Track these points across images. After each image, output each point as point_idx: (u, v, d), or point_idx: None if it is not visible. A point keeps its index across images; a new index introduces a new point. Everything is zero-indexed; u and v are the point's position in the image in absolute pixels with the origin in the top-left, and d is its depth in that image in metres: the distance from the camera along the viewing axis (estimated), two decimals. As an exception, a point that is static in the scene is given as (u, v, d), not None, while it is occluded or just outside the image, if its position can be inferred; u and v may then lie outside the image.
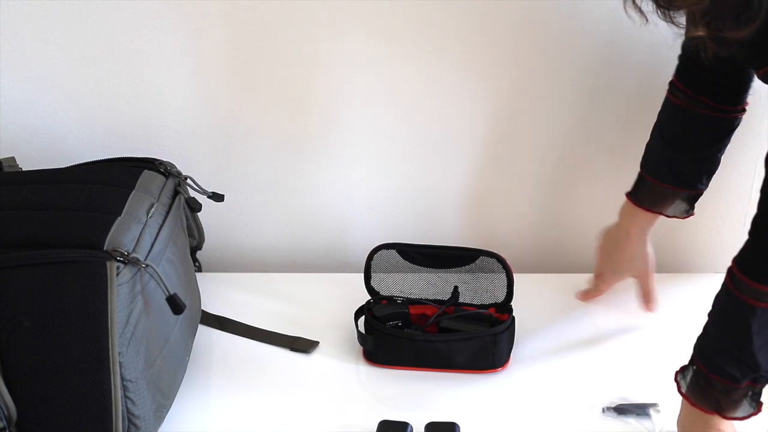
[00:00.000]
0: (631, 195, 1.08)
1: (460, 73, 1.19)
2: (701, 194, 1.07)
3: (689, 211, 1.08)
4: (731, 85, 0.98)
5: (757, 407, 0.81)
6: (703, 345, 0.83)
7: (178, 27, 1.13)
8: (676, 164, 1.03)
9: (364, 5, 1.13)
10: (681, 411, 0.85)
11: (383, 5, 1.13)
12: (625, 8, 0.77)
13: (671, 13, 0.74)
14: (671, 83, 1.02)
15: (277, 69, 1.17)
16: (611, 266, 1.14)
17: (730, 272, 0.80)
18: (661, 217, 1.07)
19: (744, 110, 1.00)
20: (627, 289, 1.21)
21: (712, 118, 1.00)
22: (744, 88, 0.99)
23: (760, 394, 0.81)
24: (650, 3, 0.74)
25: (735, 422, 0.82)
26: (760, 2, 0.65)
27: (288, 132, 1.22)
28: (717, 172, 1.26)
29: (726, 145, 1.03)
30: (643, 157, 1.08)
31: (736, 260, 0.80)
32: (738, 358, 0.78)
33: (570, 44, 1.16)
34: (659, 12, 0.74)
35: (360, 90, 1.19)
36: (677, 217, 1.08)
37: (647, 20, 0.77)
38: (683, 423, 0.85)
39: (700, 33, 0.71)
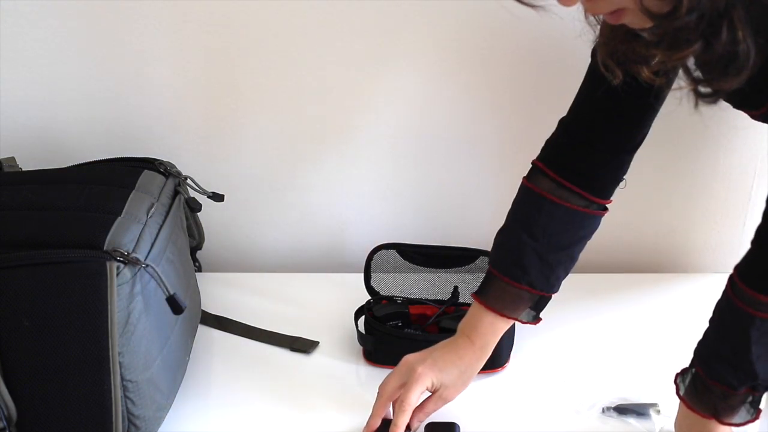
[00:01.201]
0: (479, 294, 0.95)
1: (460, 73, 1.19)
2: (549, 300, 0.96)
3: (537, 318, 0.96)
4: (609, 173, 0.92)
5: (756, 414, 0.80)
6: (702, 350, 0.83)
7: (178, 27, 1.13)
8: (543, 264, 0.92)
9: (363, 5, 1.13)
10: (678, 414, 0.85)
11: (383, 5, 1.13)
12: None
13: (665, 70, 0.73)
14: (537, 169, 0.93)
15: (278, 69, 1.17)
16: (432, 374, 0.91)
17: (730, 280, 0.80)
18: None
19: (607, 210, 0.93)
20: (626, 289, 1.22)
21: (582, 215, 0.92)
22: (619, 176, 0.93)
23: (759, 400, 0.80)
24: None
25: (732, 428, 0.82)
26: (747, 54, 0.63)
27: (288, 132, 1.22)
28: (717, 171, 1.26)
29: (582, 248, 0.94)
30: (495, 254, 0.95)
31: (737, 268, 0.79)
32: (736, 366, 0.78)
33: (574, 45, 1.16)
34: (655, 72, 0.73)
35: (360, 90, 1.19)
36: (530, 323, 0.96)
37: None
38: (680, 426, 0.85)
39: (688, 86, 0.69)
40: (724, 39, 0.62)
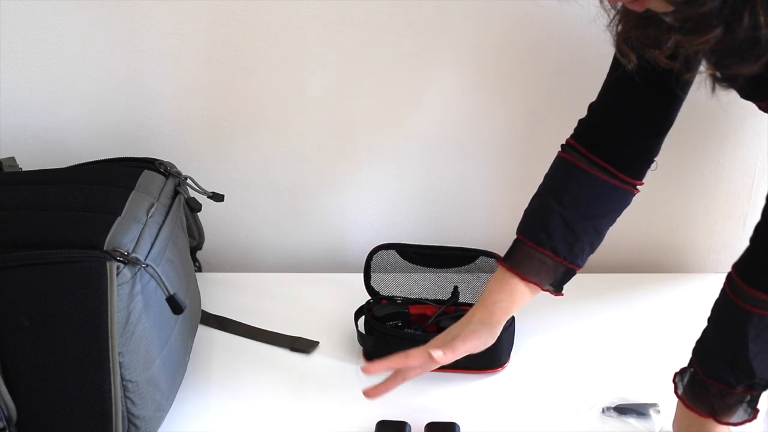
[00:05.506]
0: (503, 258, 0.95)
1: (461, 74, 1.19)
2: (573, 274, 0.95)
3: (558, 291, 0.95)
4: (636, 155, 0.93)
5: (753, 413, 0.80)
6: (700, 348, 0.83)
7: (178, 28, 1.13)
8: (568, 230, 0.92)
9: (364, 5, 1.13)
10: (677, 413, 0.85)
11: (384, 5, 1.13)
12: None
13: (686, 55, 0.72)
14: (569, 145, 0.95)
15: (278, 70, 1.17)
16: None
17: (729, 278, 0.80)
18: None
19: (638, 190, 0.94)
20: (627, 289, 1.22)
21: (611, 186, 0.92)
22: (648, 159, 0.93)
23: (757, 400, 0.80)
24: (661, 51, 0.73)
25: (731, 427, 0.82)
26: None
27: (288, 132, 1.22)
28: (717, 172, 1.26)
29: (610, 225, 0.95)
30: (523, 220, 0.96)
31: (736, 266, 0.79)
32: (733, 363, 0.78)
33: (575, 44, 1.16)
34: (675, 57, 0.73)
35: (360, 91, 1.19)
36: (551, 293, 0.95)
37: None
38: (679, 425, 0.85)
39: (708, 71, 0.69)
40: (746, 24, 0.62)
